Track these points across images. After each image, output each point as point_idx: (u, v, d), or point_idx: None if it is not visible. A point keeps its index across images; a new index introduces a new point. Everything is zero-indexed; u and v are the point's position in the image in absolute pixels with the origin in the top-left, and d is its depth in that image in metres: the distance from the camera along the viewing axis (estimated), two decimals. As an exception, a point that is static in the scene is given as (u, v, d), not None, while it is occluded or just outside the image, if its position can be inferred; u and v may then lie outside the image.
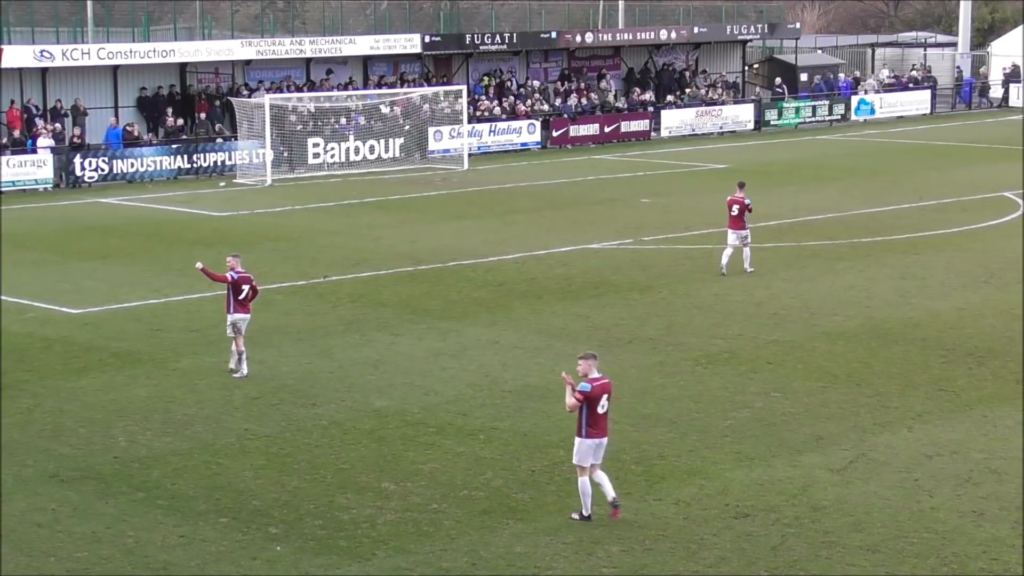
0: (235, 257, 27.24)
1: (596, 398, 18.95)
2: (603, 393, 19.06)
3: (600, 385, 19.05)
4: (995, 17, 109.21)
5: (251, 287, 26.79)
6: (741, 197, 36.15)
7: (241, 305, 26.70)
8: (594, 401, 18.93)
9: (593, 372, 19.09)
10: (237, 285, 26.69)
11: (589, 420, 18.99)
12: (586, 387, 18.91)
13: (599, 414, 19.04)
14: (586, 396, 18.86)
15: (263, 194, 52.63)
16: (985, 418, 23.61)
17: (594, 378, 19.06)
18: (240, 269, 26.88)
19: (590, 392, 18.89)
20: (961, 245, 39.43)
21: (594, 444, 19.10)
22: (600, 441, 19.13)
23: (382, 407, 24.58)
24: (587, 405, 18.91)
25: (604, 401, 19.06)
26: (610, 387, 19.28)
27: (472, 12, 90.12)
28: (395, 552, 18.16)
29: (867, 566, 17.60)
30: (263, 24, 71.33)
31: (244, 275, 26.82)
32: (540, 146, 67.30)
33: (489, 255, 38.77)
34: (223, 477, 21.07)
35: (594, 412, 19.00)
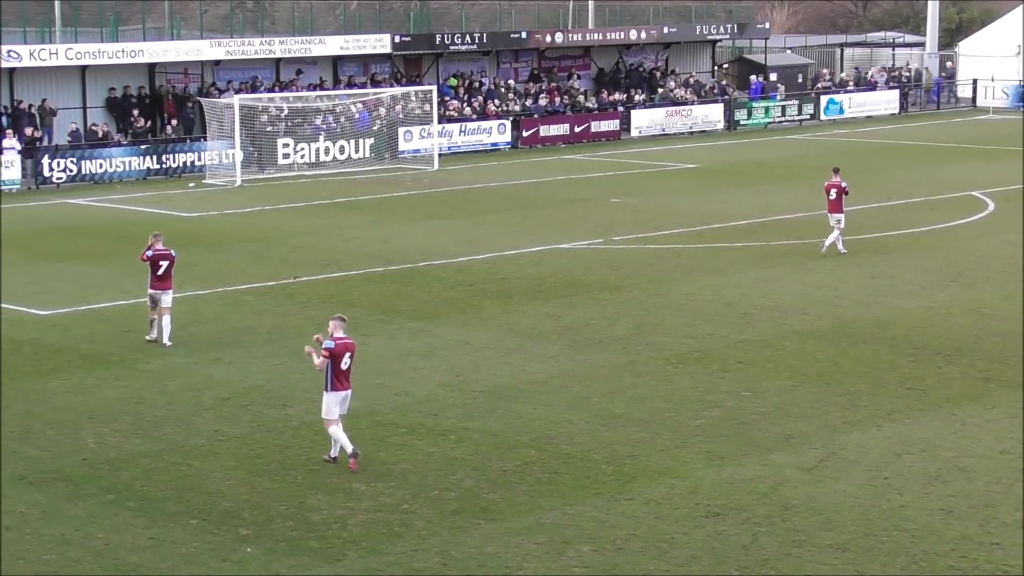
0: (156, 236, 29.18)
1: (340, 355, 21.16)
2: (346, 351, 21.26)
3: (343, 344, 21.26)
4: (962, 17, 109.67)
5: (171, 263, 28.73)
6: (838, 181, 37.88)
7: (160, 280, 28.63)
8: (338, 358, 21.15)
9: (339, 332, 21.31)
10: (154, 261, 28.61)
11: (334, 375, 21.21)
12: (330, 344, 21.11)
13: (343, 370, 21.27)
14: (331, 352, 21.05)
15: (233, 195, 52.52)
16: (954, 416, 23.70)
17: (338, 337, 21.27)
18: (160, 247, 28.78)
19: (334, 349, 21.08)
20: (930, 244, 39.57)
21: (339, 396, 21.33)
22: (346, 393, 21.41)
23: (353, 408, 24.42)
24: (332, 362, 21.13)
25: (347, 358, 21.27)
26: (353, 347, 21.45)
27: (442, 12, 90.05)
28: (366, 553, 18.13)
29: (837, 564, 17.65)
30: (232, 24, 71.10)
31: (163, 252, 28.74)
32: (510, 146, 67.31)
33: (460, 255, 38.76)
34: (193, 479, 21.01)
35: (338, 368, 21.22)
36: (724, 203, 48.41)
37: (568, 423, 23.50)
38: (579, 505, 19.67)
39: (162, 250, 28.77)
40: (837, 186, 37.79)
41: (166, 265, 28.68)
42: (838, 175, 38.25)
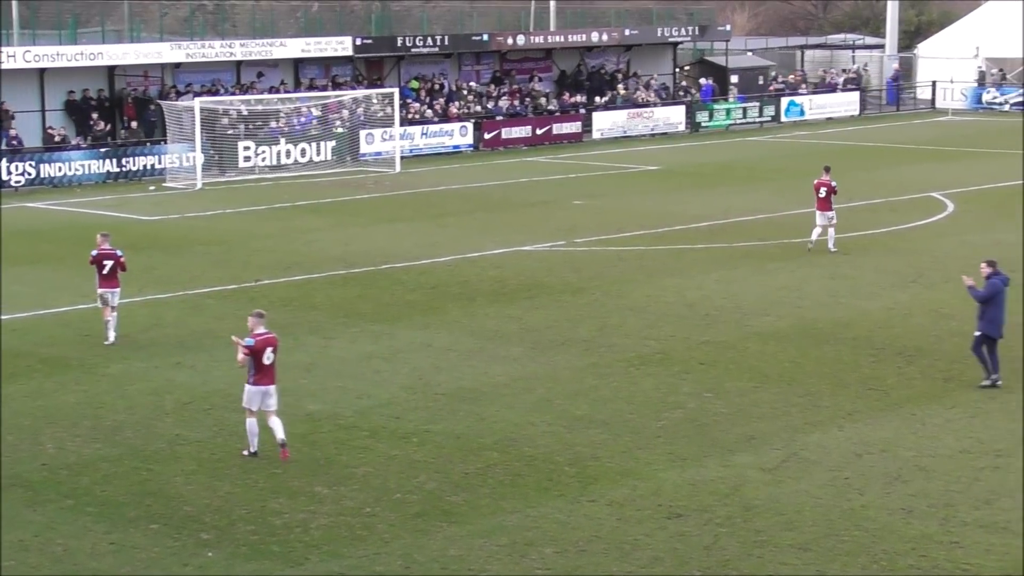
0: (104, 236, 29.72)
1: (261, 350, 21.43)
2: (267, 346, 21.52)
3: (264, 339, 21.54)
4: (921, 19, 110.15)
5: (116, 262, 29.17)
6: (828, 180, 38.34)
7: (106, 280, 29.14)
8: (259, 353, 21.42)
9: (259, 328, 21.62)
10: (99, 261, 29.13)
11: (256, 369, 21.50)
12: (250, 341, 21.43)
13: (265, 364, 21.52)
14: (251, 349, 21.38)
15: (193, 198, 52.36)
16: (914, 416, 23.79)
17: (259, 333, 21.56)
18: (107, 247, 29.29)
19: (254, 346, 21.40)
20: (890, 245, 39.73)
21: (260, 391, 21.55)
22: (267, 388, 21.60)
23: (315, 411, 24.49)
24: (253, 356, 21.41)
25: (269, 353, 21.52)
26: (274, 341, 21.71)
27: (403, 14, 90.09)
28: (328, 556, 18.09)
29: (799, 564, 17.69)
30: (192, 27, 70.95)
31: (107, 251, 29.23)
32: (472, 148, 67.30)
33: (422, 258, 38.73)
34: (154, 483, 20.92)
35: (260, 363, 21.49)
36: (686, 205, 48.51)
37: (530, 425, 23.50)
38: (542, 507, 19.67)
39: (107, 250, 29.31)
40: (827, 184, 38.26)
41: (111, 264, 29.18)
42: (828, 174, 38.67)
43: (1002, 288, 25.32)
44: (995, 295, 25.24)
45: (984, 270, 25.53)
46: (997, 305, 25.29)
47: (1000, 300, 25.30)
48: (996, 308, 25.29)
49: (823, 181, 38.38)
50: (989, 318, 25.33)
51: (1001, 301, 25.34)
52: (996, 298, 25.25)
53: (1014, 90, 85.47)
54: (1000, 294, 25.29)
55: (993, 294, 25.24)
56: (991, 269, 25.43)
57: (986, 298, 25.28)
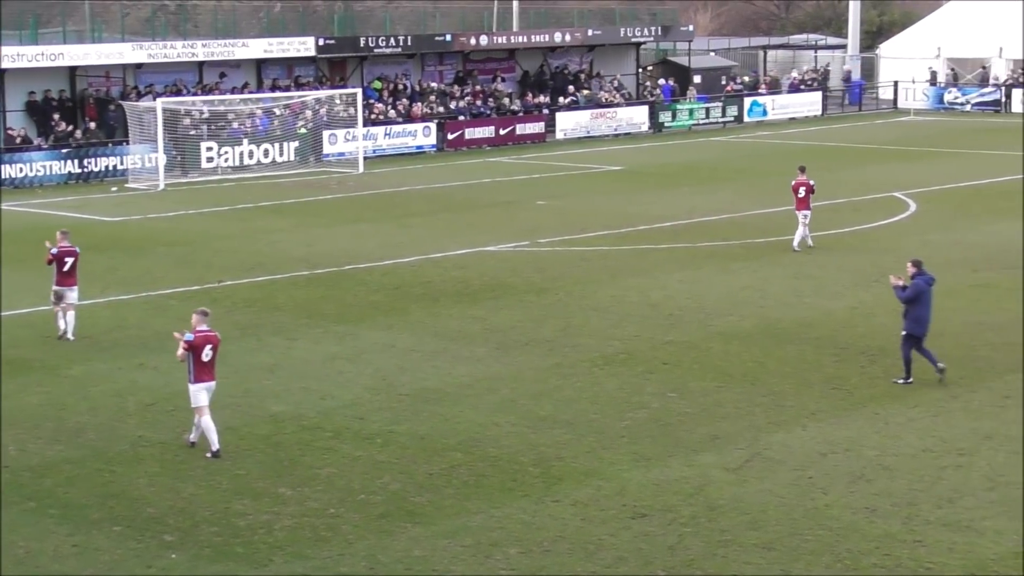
0: (63, 233, 30.16)
1: (200, 346, 21.78)
2: (207, 343, 21.87)
3: (204, 336, 21.88)
4: (883, 20, 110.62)
5: (76, 259, 29.70)
6: (806, 179, 38.70)
7: (66, 277, 29.53)
8: (198, 349, 21.76)
9: (202, 326, 21.95)
10: (60, 258, 29.53)
11: (195, 367, 21.83)
12: (190, 336, 21.76)
13: (204, 362, 21.85)
14: (190, 345, 21.71)
15: (156, 199, 52.18)
16: (877, 415, 23.87)
17: (200, 330, 21.90)
18: (66, 244, 29.72)
19: (194, 341, 21.73)
20: (853, 245, 39.86)
21: (203, 387, 21.89)
22: (208, 385, 21.97)
23: (278, 412, 24.43)
24: (193, 353, 21.75)
25: (208, 350, 21.87)
26: (215, 339, 22.03)
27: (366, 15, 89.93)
28: (292, 558, 18.04)
29: (763, 564, 17.73)
30: (154, 27, 70.64)
31: (68, 249, 29.69)
32: (435, 149, 67.25)
33: (385, 258, 38.68)
34: (117, 485, 20.84)
35: (199, 360, 21.81)
36: (649, 205, 48.58)
37: (495, 426, 23.49)
38: (506, 507, 19.66)
39: (67, 247, 29.74)
40: (806, 184, 38.65)
41: (71, 261, 29.66)
42: (805, 173, 39.05)
43: (926, 288, 25.69)
44: (919, 295, 25.59)
45: (910, 270, 25.91)
46: (922, 304, 25.67)
47: (925, 300, 25.68)
48: (921, 307, 25.68)
49: (802, 181, 38.73)
50: (914, 317, 25.70)
51: (926, 301, 25.70)
52: (921, 298, 25.63)
53: (975, 90, 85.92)
54: (924, 294, 25.66)
55: (917, 294, 25.61)
56: (916, 269, 25.86)
57: (910, 298, 25.65)
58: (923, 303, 25.63)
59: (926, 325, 25.71)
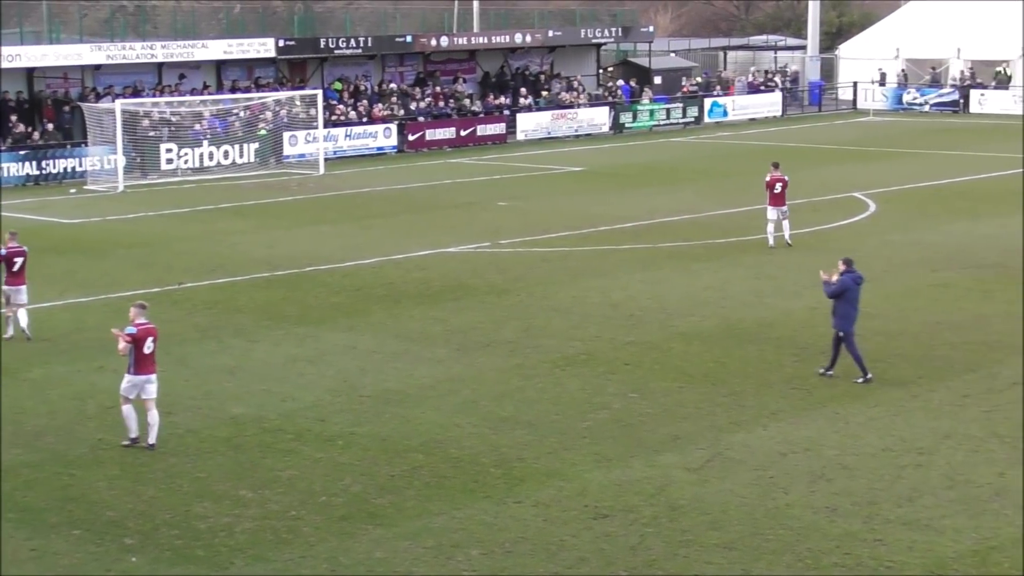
0: (12, 234, 30.42)
1: (142, 339, 22.15)
2: (148, 336, 22.26)
3: (145, 329, 22.27)
4: (842, 20, 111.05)
5: (25, 259, 30.00)
6: (780, 175, 39.05)
7: (15, 277, 29.78)
8: (140, 342, 22.13)
9: (140, 319, 22.35)
10: (9, 259, 29.78)
11: (136, 359, 22.20)
12: (132, 330, 22.12)
13: (145, 354, 22.24)
14: (133, 337, 22.08)
15: (115, 200, 51.96)
16: (837, 415, 23.95)
17: (140, 323, 22.28)
18: (14, 244, 29.96)
19: (136, 334, 22.11)
20: (813, 245, 39.97)
21: (141, 380, 22.25)
22: (147, 377, 22.32)
23: (239, 414, 24.36)
24: (135, 346, 22.11)
25: (149, 342, 22.25)
26: (155, 332, 22.45)
27: (326, 16, 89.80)
28: (253, 560, 18.00)
29: (724, 563, 17.77)
30: (113, 28, 70.35)
31: (16, 249, 29.93)
32: (396, 150, 67.18)
33: (346, 260, 38.62)
34: (76, 488, 20.74)
35: (140, 352, 22.20)
36: (610, 206, 48.63)
37: (456, 427, 23.48)
38: (468, 509, 19.65)
39: (16, 247, 29.97)
40: (782, 180, 39.02)
41: (21, 262, 29.89)
42: (779, 169, 39.40)
43: (852, 285, 26.02)
44: (845, 291, 25.93)
45: (840, 267, 26.27)
46: (848, 301, 25.99)
47: (851, 297, 25.99)
48: (847, 304, 26.00)
49: (777, 177, 39.06)
50: (842, 314, 26.05)
51: (852, 298, 26.02)
52: (847, 294, 25.96)
53: (934, 91, 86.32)
54: (851, 291, 25.96)
55: (843, 290, 25.94)
56: (846, 267, 26.22)
57: (836, 293, 26.02)
58: (850, 300, 26.01)
59: (852, 323, 26.07)
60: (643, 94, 79.48)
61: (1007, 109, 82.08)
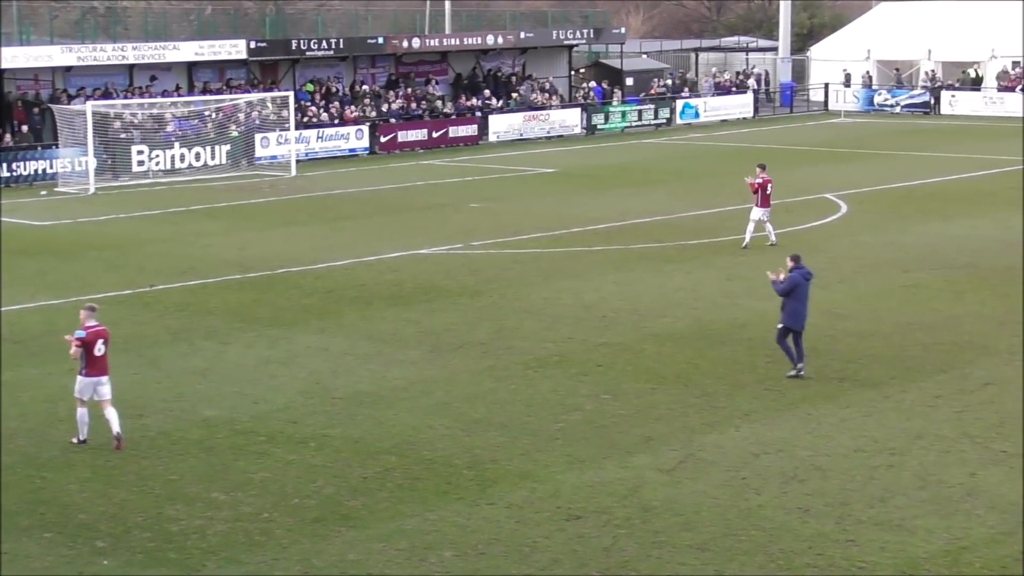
0: None
1: (92, 342, 22.34)
2: (98, 338, 22.43)
3: (95, 332, 22.47)
4: (814, 22, 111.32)
5: None
6: (767, 177, 39.26)
7: None
8: (91, 344, 22.32)
9: (90, 321, 22.52)
10: None
11: (87, 361, 22.40)
12: (81, 333, 22.32)
13: (96, 356, 22.42)
14: (83, 341, 22.26)
15: (86, 203, 51.80)
16: (809, 416, 24.00)
17: (90, 326, 22.47)
18: None
19: (86, 337, 22.30)
20: (785, 246, 39.88)
21: (92, 381, 22.45)
22: (99, 379, 22.50)
23: (211, 416, 24.31)
24: (85, 348, 22.28)
25: (100, 344, 22.43)
26: (105, 333, 22.61)
27: (298, 18, 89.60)
28: (226, 562, 17.95)
29: (697, 564, 17.78)
30: (84, 30, 70.12)
31: None
32: (368, 152, 67.13)
33: (318, 262, 38.57)
34: (47, 491, 20.66)
35: (91, 354, 22.39)
36: (582, 207, 48.66)
37: (429, 428, 23.46)
38: (441, 510, 19.64)
39: None
40: (770, 181, 39.47)
41: None
42: (765, 171, 39.68)
43: (801, 281, 26.18)
44: (794, 288, 26.08)
45: (788, 264, 26.41)
46: (797, 298, 26.15)
47: (800, 293, 26.16)
48: (796, 301, 26.16)
49: (767, 178, 39.36)
50: (790, 311, 26.20)
51: (802, 295, 26.19)
52: (796, 291, 26.12)
53: (905, 92, 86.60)
54: (800, 287, 26.12)
55: (792, 287, 26.08)
56: (794, 264, 26.37)
57: (786, 291, 26.16)
58: (799, 297, 26.16)
59: (802, 319, 26.23)
60: (614, 96, 79.58)
61: (978, 110, 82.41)
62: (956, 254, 38.37)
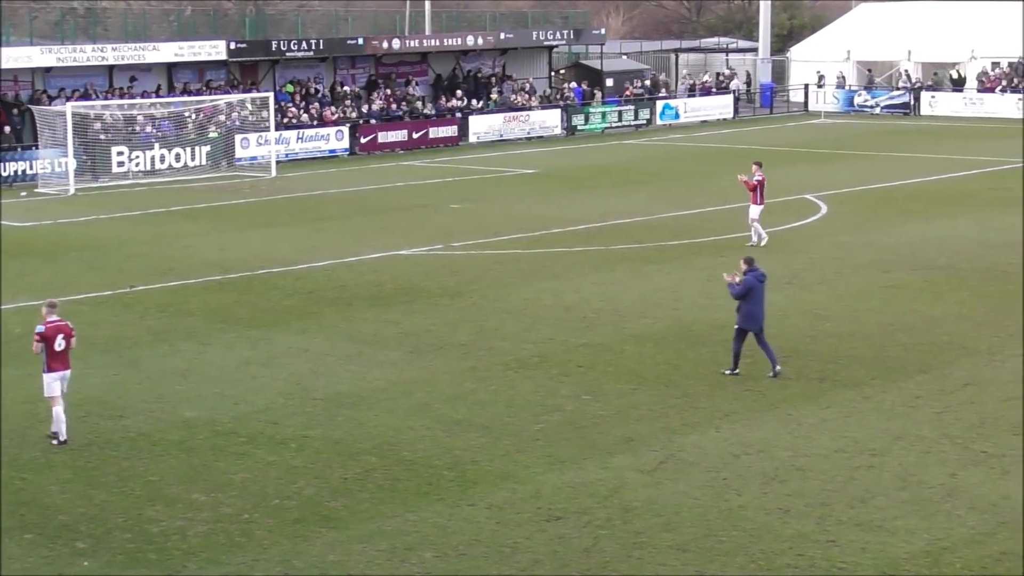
0: None
1: (52, 337, 22.56)
2: (58, 333, 22.62)
3: (55, 327, 22.65)
4: (794, 23, 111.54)
5: None
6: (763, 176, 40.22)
7: None
8: (51, 339, 22.55)
9: (51, 317, 22.73)
10: None
11: (49, 357, 22.57)
12: (41, 328, 22.58)
13: (57, 351, 22.60)
14: (42, 336, 22.51)
15: (66, 203, 51.69)
16: (790, 416, 24.03)
17: (50, 321, 22.67)
18: None
19: (45, 332, 22.54)
20: (765, 247, 40.07)
21: (57, 376, 22.64)
22: (62, 374, 22.73)
23: (191, 417, 24.27)
24: (45, 344, 22.50)
25: (60, 339, 22.61)
26: (67, 328, 22.78)
27: (278, 18, 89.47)
28: (206, 564, 17.93)
29: (677, 565, 17.80)
30: (63, 30, 69.96)
31: None
32: (348, 152, 67.09)
33: (299, 262, 38.53)
34: (28, 492, 20.61)
35: (52, 349, 22.57)
36: (562, 208, 48.68)
37: (409, 429, 23.46)
38: (421, 511, 19.63)
39: None
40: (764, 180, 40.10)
41: None
42: (762, 169, 40.47)
43: (756, 284, 26.35)
44: (750, 290, 26.23)
45: (743, 267, 26.63)
46: (752, 300, 26.31)
47: (756, 295, 26.32)
48: (751, 303, 26.32)
49: (763, 177, 39.89)
50: (745, 313, 26.38)
51: (757, 297, 26.35)
52: (751, 293, 26.26)
53: (885, 93, 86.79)
54: (755, 289, 26.28)
55: (747, 290, 26.25)
56: (748, 267, 26.59)
57: (741, 294, 26.31)
58: (754, 299, 26.32)
59: (759, 321, 26.41)
60: (594, 96, 79.63)
61: (958, 111, 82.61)
62: (936, 255, 38.46)
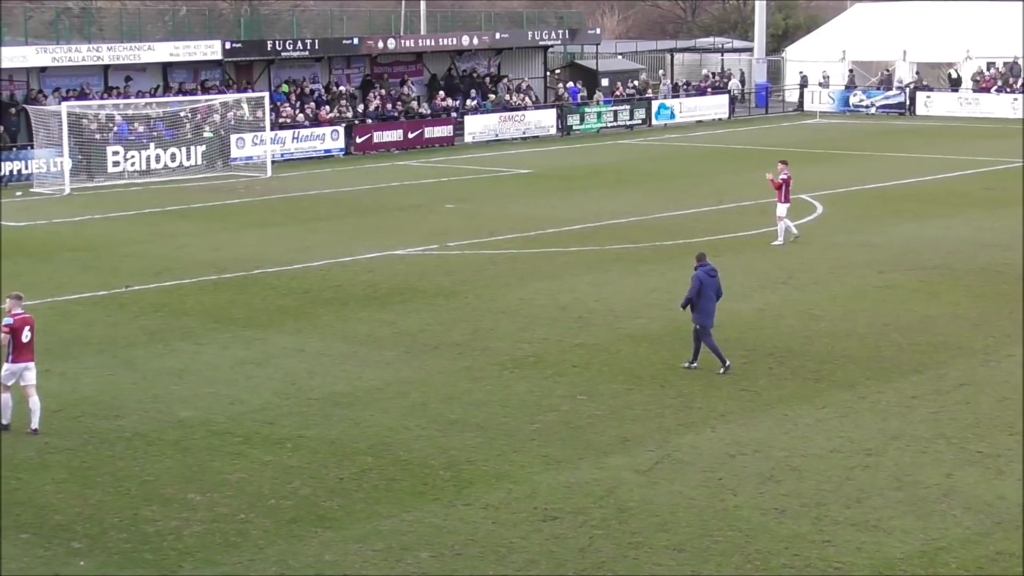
0: None
1: (20, 328, 23.01)
2: (24, 325, 23.12)
3: (21, 319, 23.17)
4: (788, 23, 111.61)
5: None
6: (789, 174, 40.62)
7: None
8: (18, 331, 22.99)
9: (16, 309, 23.25)
10: None
11: (14, 347, 23.03)
12: (9, 320, 23.01)
13: (23, 343, 23.09)
14: (11, 328, 22.94)
15: (61, 203, 51.66)
16: (785, 416, 24.04)
17: (16, 314, 23.19)
18: None
19: (13, 324, 22.99)
20: (760, 247, 40.12)
21: (19, 367, 23.08)
22: (26, 365, 23.15)
23: (187, 417, 24.26)
24: (13, 335, 22.94)
25: (27, 331, 23.09)
26: (31, 321, 23.36)
27: (273, 18, 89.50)
28: (202, 564, 17.92)
29: (673, 565, 17.81)
30: (58, 30, 69.92)
31: None
32: (343, 152, 67.07)
33: (294, 262, 38.52)
34: (23, 492, 20.60)
35: (19, 341, 23.04)
36: (557, 208, 48.69)
37: (405, 429, 23.46)
38: (417, 511, 19.64)
39: None
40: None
41: None
42: (788, 167, 40.94)
43: (706, 279, 26.60)
44: (700, 287, 26.51)
45: (694, 264, 26.91)
46: (705, 296, 26.54)
47: (707, 292, 26.56)
48: (704, 299, 26.56)
49: (789, 176, 40.38)
50: (700, 309, 26.68)
51: (708, 293, 26.58)
52: (703, 290, 26.51)
53: (879, 93, 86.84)
54: (705, 285, 26.56)
55: (698, 286, 26.50)
56: (699, 262, 26.86)
57: (693, 293, 26.58)
58: (706, 295, 26.51)
59: (711, 316, 26.66)
60: (593, 96, 79.63)
61: (953, 111, 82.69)
62: (930, 255, 38.49)
